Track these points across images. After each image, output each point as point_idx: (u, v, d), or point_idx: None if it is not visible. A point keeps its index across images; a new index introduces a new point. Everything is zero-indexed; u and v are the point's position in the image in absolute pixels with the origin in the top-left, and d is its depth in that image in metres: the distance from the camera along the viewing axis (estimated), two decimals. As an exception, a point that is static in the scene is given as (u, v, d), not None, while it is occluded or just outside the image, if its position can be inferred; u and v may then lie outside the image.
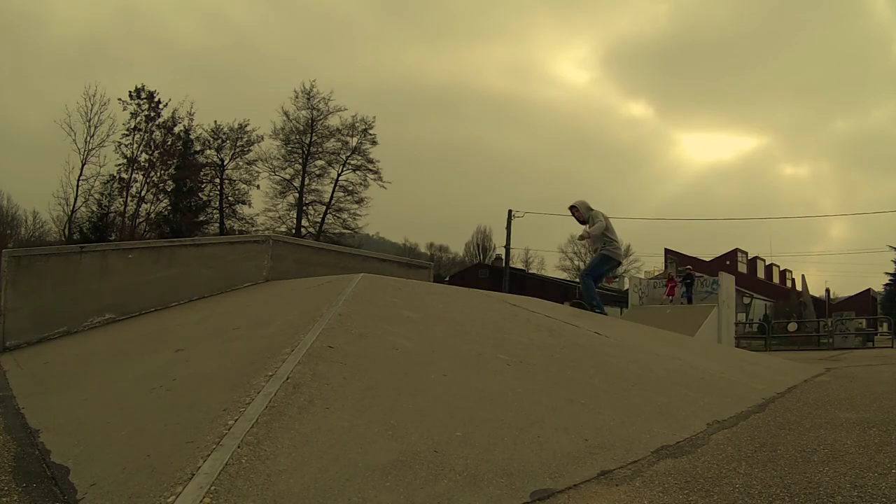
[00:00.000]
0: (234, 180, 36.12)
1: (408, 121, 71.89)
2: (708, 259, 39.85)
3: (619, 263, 9.02)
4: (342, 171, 37.64)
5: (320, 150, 37.34)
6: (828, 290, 43.54)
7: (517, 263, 42.82)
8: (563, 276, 48.92)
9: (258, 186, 36.58)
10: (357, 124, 37.28)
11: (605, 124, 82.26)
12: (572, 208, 8.81)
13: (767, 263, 44.67)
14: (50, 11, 50.78)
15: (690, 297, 18.25)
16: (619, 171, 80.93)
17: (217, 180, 35.77)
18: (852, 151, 79.13)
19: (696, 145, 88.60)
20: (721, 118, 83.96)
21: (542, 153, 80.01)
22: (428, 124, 74.22)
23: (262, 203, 41.88)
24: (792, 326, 24.46)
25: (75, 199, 30.78)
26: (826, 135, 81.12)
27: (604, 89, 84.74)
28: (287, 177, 37.02)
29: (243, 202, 36.36)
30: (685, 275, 19.17)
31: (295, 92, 37.23)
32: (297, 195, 36.76)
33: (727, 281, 19.05)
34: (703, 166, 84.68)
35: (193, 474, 2.06)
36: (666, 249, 37.29)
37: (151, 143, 33.25)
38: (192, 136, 34.68)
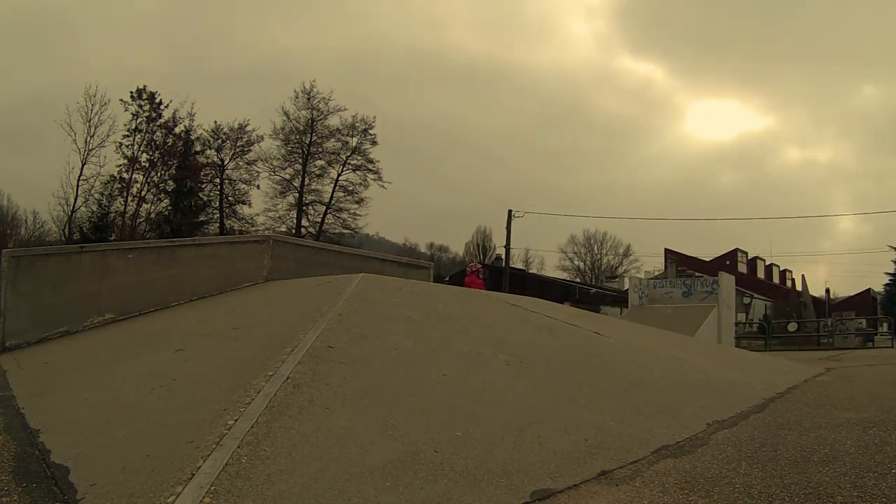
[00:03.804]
0: (234, 180, 36.14)
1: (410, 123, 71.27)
2: (708, 259, 39.86)
3: None
4: (342, 171, 37.64)
5: (320, 150, 37.34)
6: (828, 290, 43.52)
7: (517, 263, 42.68)
8: (563, 276, 48.89)
9: (258, 186, 36.61)
10: (357, 124, 37.28)
11: (604, 96, 78.76)
12: None
13: (767, 263, 44.65)
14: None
15: None
16: (619, 151, 77.98)
17: (217, 180, 35.73)
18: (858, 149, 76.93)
19: (702, 121, 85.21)
20: (719, 117, 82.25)
21: (541, 152, 79.15)
22: (429, 127, 73.50)
23: (262, 203, 41.91)
24: (792, 326, 24.43)
25: (75, 199, 30.78)
26: (825, 137, 79.35)
27: (610, 49, 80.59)
28: (287, 177, 37.04)
29: (243, 202, 36.41)
30: None
31: (295, 92, 37.13)
32: (297, 195, 36.79)
33: (727, 281, 19.02)
34: (703, 164, 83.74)
35: (193, 474, 2.07)
36: (666, 249, 37.24)
37: (152, 143, 33.25)
38: (192, 137, 34.68)
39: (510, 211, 29.67)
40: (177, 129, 34.47)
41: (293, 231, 35.08)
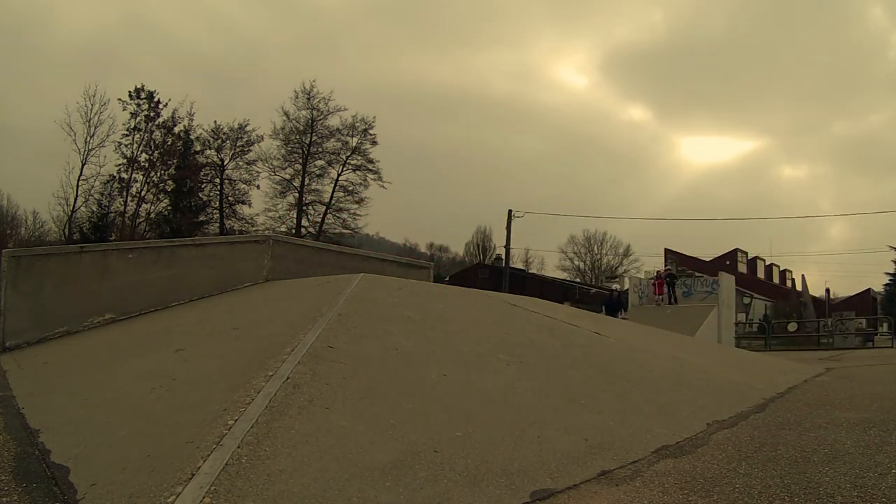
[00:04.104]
0: (234, 180, 36.09)
1: (409, 122, 71.78)
2: (708, 259, 39.77)
3: None
4: (342, 171, 37.57)
5: (320, 150, 37.26)
6: (828, 290, 43.51)
7: (517, 263, 42.70)
8: (563, 276, 48.84)
9: (258, 186, 36.57)
10: (357, 124, 37.15)
11: (604, 128, 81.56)
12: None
13: (767, 263, 44.57)
14: (53, 16, 50.67)
15: (672, 298, 18.19)
16: (620, 173, 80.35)
17: (217, 180, 35.68)
18: (850, 154, 78.73)
19: (695, 148, 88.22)
20: (720, 122, 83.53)
21: (542, 155, 79.63)
22: (428, 126, 74.03)
23: (262, 203, 41.85)
24: (792, 326, 24.42)
25: (75, 199, 30.72)
26: (824, 138, 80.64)
27: (603, 93, 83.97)
28: (287, 177, 36.99)
29: (243, 202, 36.37)
30: (666, 275, 19.13)
31: (295, 92, 37.02)
32: (297, 195, 36.76)
33: (727, 281, 19.02)
34: (703, 168, 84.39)
35: (193, 474, 2.06)
36: (666, 249, 37.15)
37: (151, 143, 33.18)
38: (192, 136, 34.57)
39: (510, 211, 29.63)
40: (176, 129, 34.44)
41: (293, 231, 35.05)
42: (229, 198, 36.31)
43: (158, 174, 33.82)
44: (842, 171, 78.53)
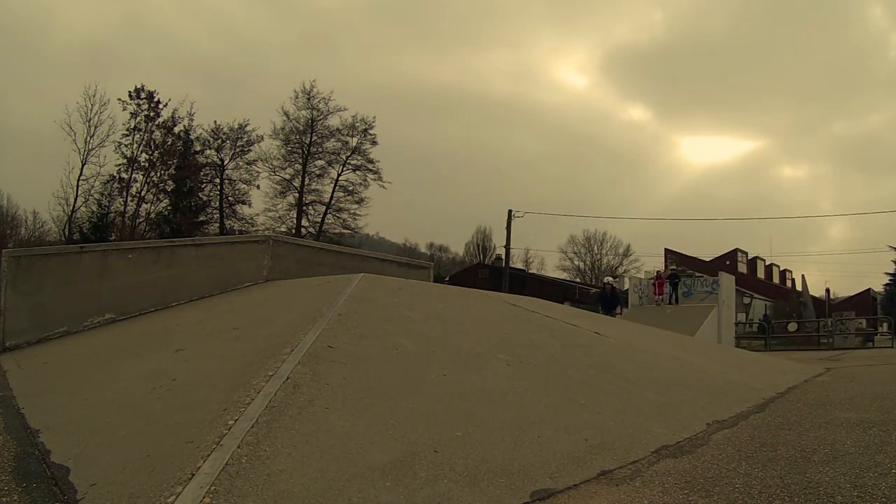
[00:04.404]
0: (234, 180, 36.12)
1: (409, 122, 71.88)
2: (708, 259, 39.76)
3: None
4: (342, 171, 37.61)
5: (320, 150, 37.30)
6: (828, 290, 43.52)
7: (517, 263, 42.75)
8: (563, 276, 48.83)
9: (258, 186, 36.59)
10: (357, 124, 37.16)
11: (604, 128, 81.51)
12: None
13: (767, 263, 44.57)
14: (53, 17, 50.66)
15: (674, 298, 18.05)
16: (620, 173, 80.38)
17: (217, 180, 35.71)
18: (850, 154, 78.63)
19: (695, 148, 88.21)
20: (720, 122, 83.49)
21: (542, 155, 79.69)
22: (429, 126, 74.12)
23: (262, 203, 41.84)
24: (792, 326, 24.42)
25: (75, 199, 30.73)
26: (824, 137, 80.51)
27: (603, 93, 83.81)
28: (287, 177, 37.02)
29: (243, 202, 36.39)
30: (669, 275, 19.00)
31: (295, 92, 37.03)
32: (297, 195, 36.76)
33: (727, 281, 19.01)
34: (703, 168, 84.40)
35: (193, 474, 2.06)
36: (666, 249, 37.13)
37: (151, 143, 33.21)
38: (192, 136, 34.60)
39: (510, 211, 29.65)
40: (176, 129, 34.44)
41: (293, 231, 35.04)
42: (229, 198, 36.31)
43: (158, 174, 33.84)
44: (842, 171, 78.67)
